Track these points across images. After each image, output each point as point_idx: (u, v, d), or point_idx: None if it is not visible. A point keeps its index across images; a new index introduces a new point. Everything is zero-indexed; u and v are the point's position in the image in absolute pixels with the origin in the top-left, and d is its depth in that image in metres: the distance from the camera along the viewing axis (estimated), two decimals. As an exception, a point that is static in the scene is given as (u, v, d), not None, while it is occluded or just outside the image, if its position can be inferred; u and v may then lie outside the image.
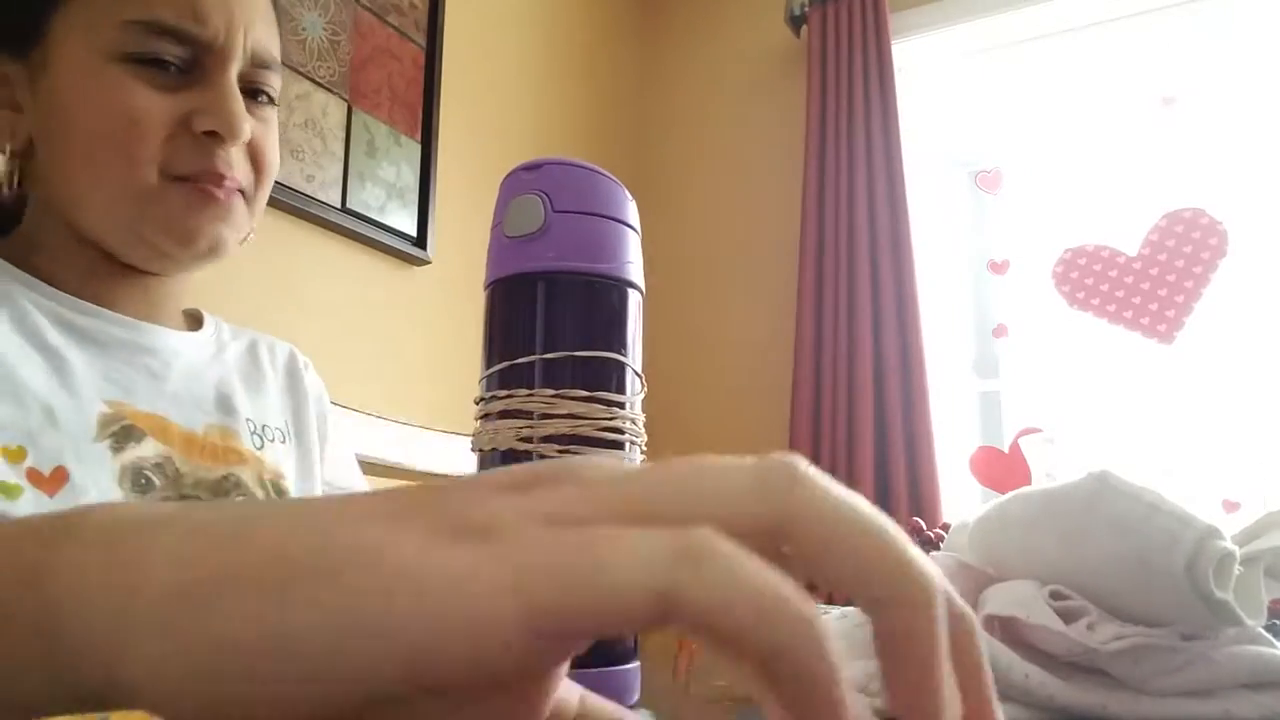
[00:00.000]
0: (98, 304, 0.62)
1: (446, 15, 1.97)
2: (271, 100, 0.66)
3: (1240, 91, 2.12)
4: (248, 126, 0.61)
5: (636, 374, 0.46)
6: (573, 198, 0.45)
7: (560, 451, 0.42)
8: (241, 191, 0.63)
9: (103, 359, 0.61)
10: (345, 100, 1.72)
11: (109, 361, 0.61)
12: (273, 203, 1.57)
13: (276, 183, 1.67)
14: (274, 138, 0.67)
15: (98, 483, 0.57)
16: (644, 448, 0.47)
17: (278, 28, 0.66)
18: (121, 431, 0.59)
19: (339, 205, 1.68)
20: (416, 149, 1.88)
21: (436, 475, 0.98)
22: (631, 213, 0.48)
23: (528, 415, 0.43)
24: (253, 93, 0.63)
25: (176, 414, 0.64)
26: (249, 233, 0.67)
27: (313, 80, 1.66)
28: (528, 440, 0.42)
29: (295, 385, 0.77)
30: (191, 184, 0.59)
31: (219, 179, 0.60)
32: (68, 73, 0.58)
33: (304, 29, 1.65)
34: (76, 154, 0.58)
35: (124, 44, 0.58)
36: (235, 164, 0.62)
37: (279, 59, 0.65)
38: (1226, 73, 2.14)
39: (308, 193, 1.62)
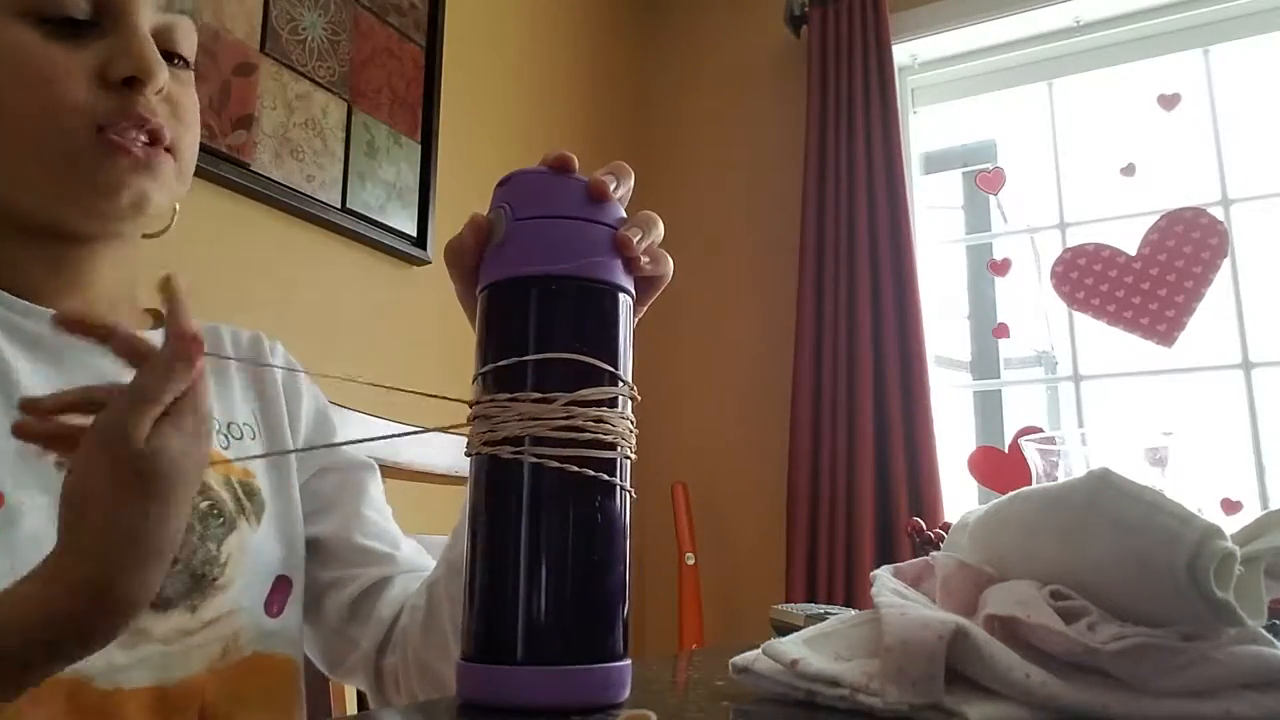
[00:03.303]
0: (39, 300, 0.60)
1: (446, 15, 1.97)
2: (186, 63, 0.64)
3: (1240, 91, 2.12)
4: (164, 72, 0.60)
5: (617, 376, 0.46)
6: (531, 204, 0.46)
7: (555, 458, 0.43)
8: (169, 150, 0.61)
9: (53, 369, 0.58)
10: (345, 100, 1.72)
11: (60, 371, 0.58)
12: (273, 202, 1.57)
13: (276, 183, 1.67)
14: (193, 96, 0.64)
15: (37, 505, 0.53)
16: (633, 451, 0.46)
17: None
18: None
19: (339, 205, 1.68)
20: (416, 149, 1.88)
21: (435, 475, 0.98)
22: (604, 211, 0.47)
23: (484, 419, 0.43)
24: (166, 56, 0.62)
25: None
26: (178, 195, 0.64)
27: (313, 80, 1.66)
28: (489, 444, 0.43)
29: (260, 373, 0.73)
30: (112, 139, 0.58)
31: (141, 121, 0.59)
32: None
33: (304, 29, 1.65)
34: (1, 122, 0.57)
35: (28, 3, 0.57)
36: (158, 111, 0.60)
37: (188, 10, 0.64)
38: (1226, 73, 2.14)
39: (308, 193, 1.62)
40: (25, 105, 0.56)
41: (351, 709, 0.92)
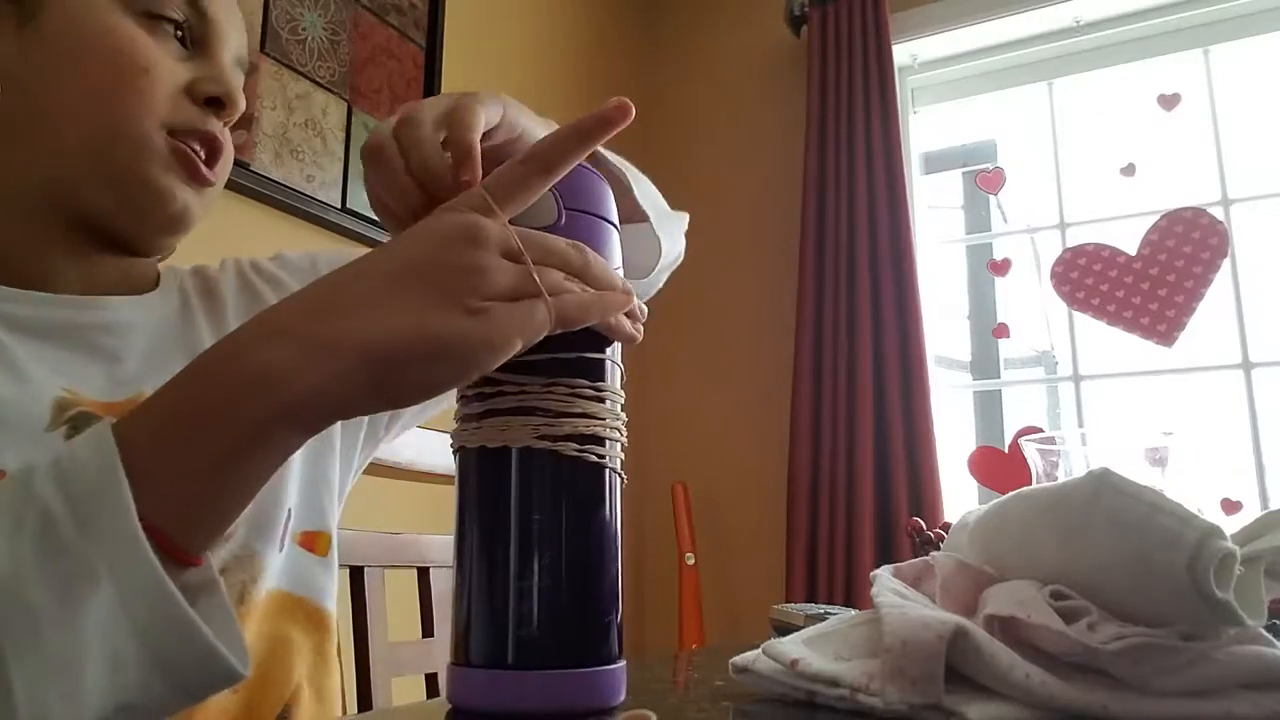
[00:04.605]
0: (37, 287, 0.58)
1: (446, 15, 1.98)
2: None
3: (1240, 91, 2.12)
4: (242, 104, 0.62)
5: (617, 365, 0.46)
6: (580, 198, 0.46)
7: (579, 451, 0.43)
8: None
9: (50, 350, 0.57)
10: (345, 100, 1.72)
11: (57, 353, 0.57)
12: (273, 202, 1.57)
13: (276, 183, 1.67)
14: (230, 140, 0.66)
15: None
16: (624, 444, 0.46)
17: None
18: (80, 418, 0.55)
19: (339, 205, 1.68)
20: (416, 149, 1.88)
21: (436, 475, 0.98)
22: (615, 213, 0.49)
23: (529, 411, 0.43)
24: None
25: (139, 396, 0.59)
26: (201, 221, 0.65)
27: (313, 80, 1.66)
28: (546, 438, 0.42)
29: (252, 296, 0.71)
30: (183, 146, 0.59)
31: (210, 138, 0.60)
32: (74, 17, 0.56)
33: (304, 29, 1.65)
34: (77, 100, 0.56)
35: None
36: (224, 137, 0.62)
37: (247, 67, 0.66)
38: (1226, 73, 2.14)
39: (308, 193, 1.62)
40: (114, 89, 0.56)
41: (352, 709, 0.92)
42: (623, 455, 0.45)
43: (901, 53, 2.37)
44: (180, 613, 0.35)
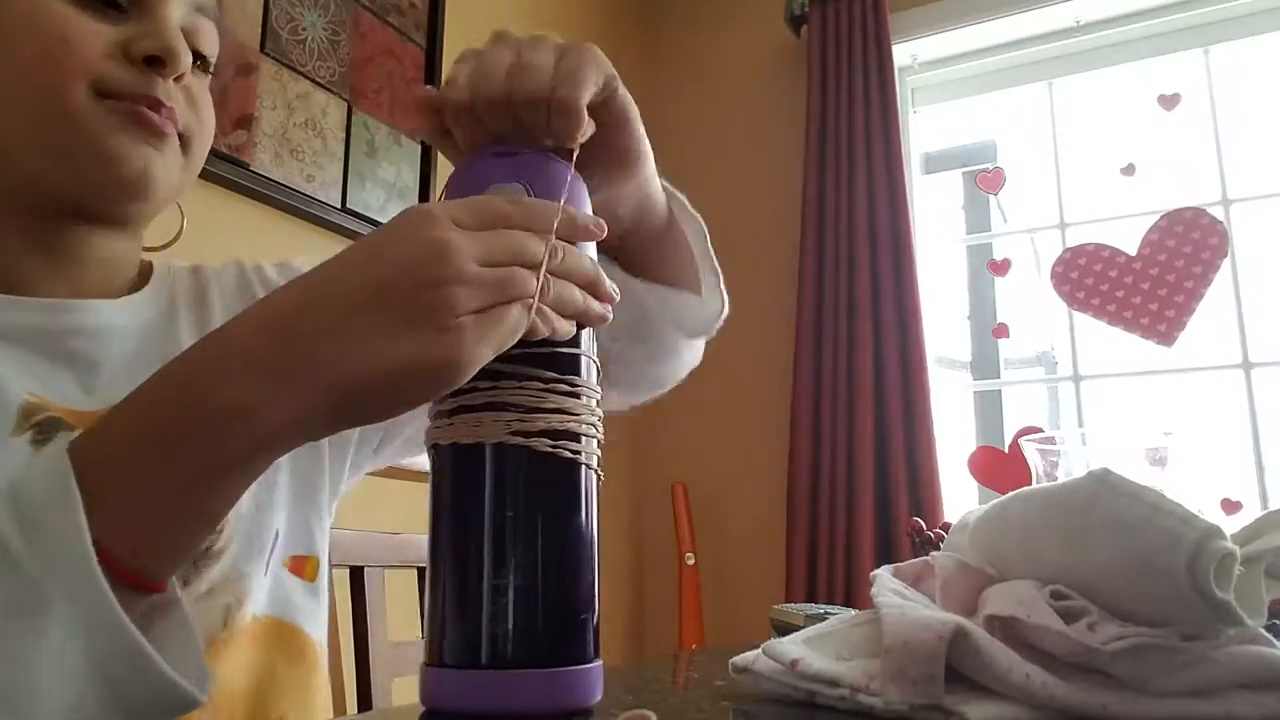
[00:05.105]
0: (15, 290, 0.55)
1: (446, 15, 1.97)
2: (207, 65, 0.62)
3: (1240, 91, 2.12)
4: (187, 58, 0.57)
5: (593, 361, 0.46)
6: (550, 188, 0.46)
7: (553, 447, 0.42)
8: (180, 136, 0.58)
9: (22, 355, 0.54)
10: (345, 100, 1.72)
11: (29, 358, 0.55)
12: (273, 202, 1.57)
13: (276, 183, 1.67)
14: (209, 99, 0.62)
15: None
16: (601, 440, 0.45)
17: None
18: (47, 423, 0.53)
19: (339, 205, 1.68)
20: (416, 149, 1.88)
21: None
22: (587, 203, 0.48)
23: (501, 407, 0.42)
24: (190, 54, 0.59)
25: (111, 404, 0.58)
26: (183, 188, 0.60)
27: (313, 80, 1.66)
28: (519, 434, 0.42)
29: (247, 304, 0.68)
30: (125, 105, 0.54)
31: (157, 105, 0.55)
32: None
33: (304, 29, 1.65)
34: (5, 80, 0.53)
35: None
36: (175, 98, 0.57)
37: (216, 13, 0.62)
38: (1226, 73, 2.14)
39: (307, 193, 1.62)
40: (33, 64, 0.53)
41: (352, 709, 0.92)
42: (599, 452, 0.44)
43: (901, 53, 2.37)
44: (131, 641, 0.34)
